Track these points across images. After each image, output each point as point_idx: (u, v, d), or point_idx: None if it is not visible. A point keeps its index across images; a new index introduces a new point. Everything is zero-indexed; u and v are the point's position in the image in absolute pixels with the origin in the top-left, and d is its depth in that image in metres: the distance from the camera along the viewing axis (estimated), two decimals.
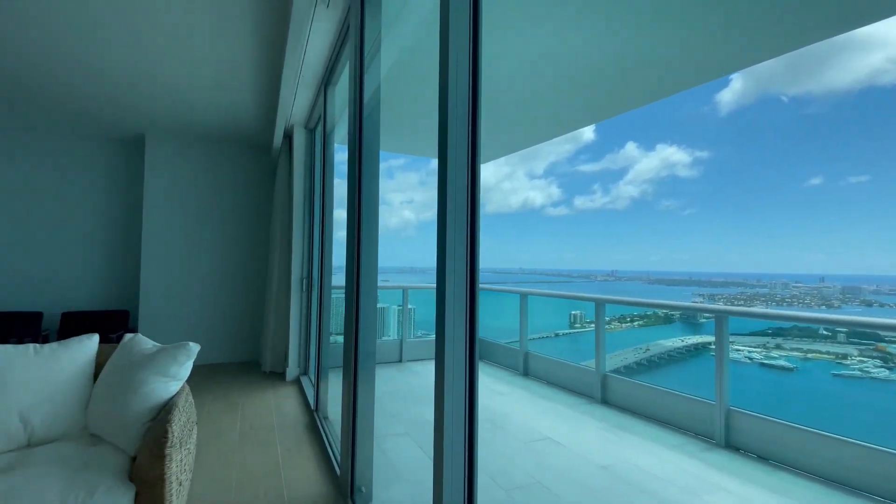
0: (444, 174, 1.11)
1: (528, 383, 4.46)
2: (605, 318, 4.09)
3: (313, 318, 3.87)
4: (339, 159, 3.42)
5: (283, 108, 3.37)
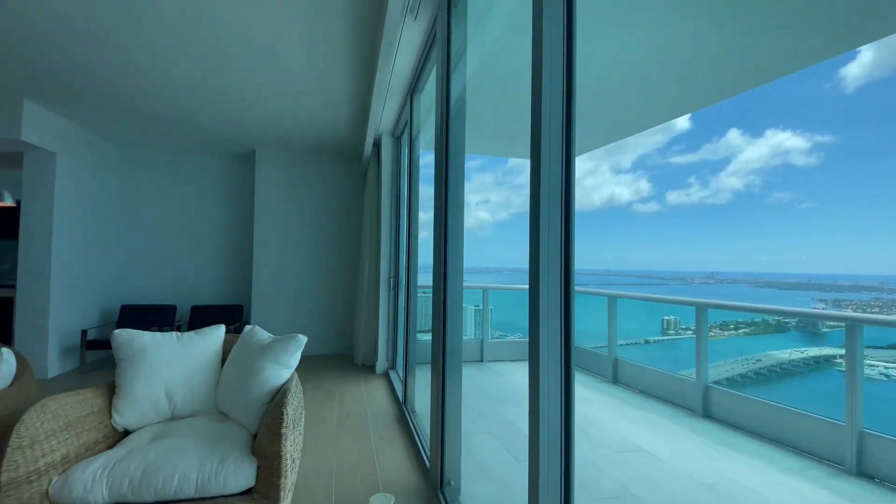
0: (536, 173, 1.11)
1: (617, 391, 4.23)
2: (706, 325, 3.74)
3: (400, 316, 4.06)
4: (421, 163, 3.55)
5: (373, 119, 3.59)
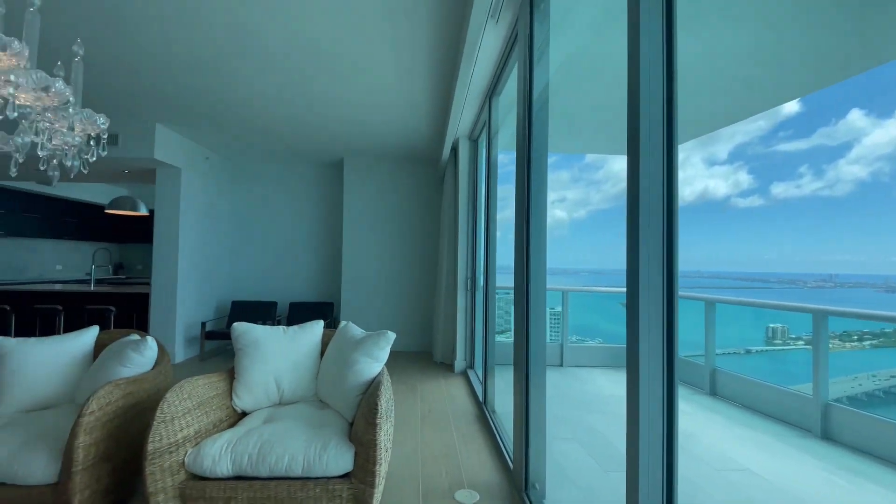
0: (634, 168, 1.07)
1: (716, 404, 3.88)
2: (827, 335, 3.30)
3: (477, 316, 4.10)
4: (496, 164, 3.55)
5: (452, 123, 3.68)
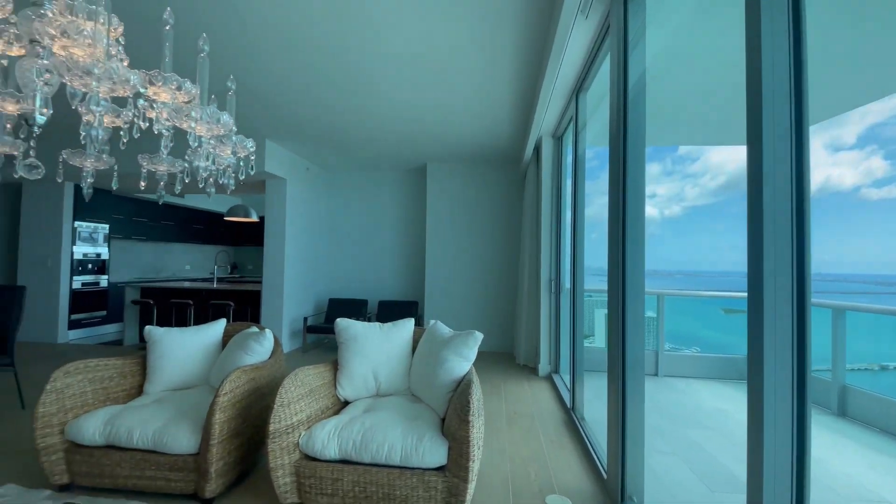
0: (756, 159, 0.97)
1: (845, 427, 3.35)
2: None
3: (563, 319, 3.98)
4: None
5: (535, 122, 3.63)
